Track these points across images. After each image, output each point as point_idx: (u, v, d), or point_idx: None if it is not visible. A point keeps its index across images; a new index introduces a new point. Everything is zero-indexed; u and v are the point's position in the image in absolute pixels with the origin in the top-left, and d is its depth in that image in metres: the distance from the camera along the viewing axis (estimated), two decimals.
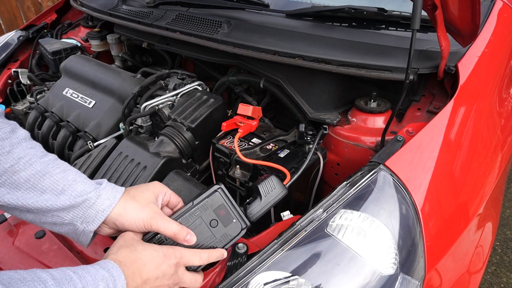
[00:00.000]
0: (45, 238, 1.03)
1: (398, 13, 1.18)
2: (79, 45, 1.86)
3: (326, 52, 1.12)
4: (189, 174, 1.14)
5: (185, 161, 1.15)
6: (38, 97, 1.58)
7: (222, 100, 1.22)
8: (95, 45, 1.90)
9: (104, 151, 1.16)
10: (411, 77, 1.02)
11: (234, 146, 1.08)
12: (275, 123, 1.31)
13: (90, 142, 1.27)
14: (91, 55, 1.92)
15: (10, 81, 1.77)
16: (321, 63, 1.11)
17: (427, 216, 0.83)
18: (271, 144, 1.13)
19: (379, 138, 1.04)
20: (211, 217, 0.74)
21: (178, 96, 1.27)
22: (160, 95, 1.28)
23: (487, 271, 1.99)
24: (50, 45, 1.74)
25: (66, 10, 2.18)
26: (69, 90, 1.48)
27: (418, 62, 1.06)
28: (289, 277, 0.71)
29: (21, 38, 1.90)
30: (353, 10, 1.18)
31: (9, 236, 1.05)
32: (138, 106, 1.29)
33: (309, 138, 1.07)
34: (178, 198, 0.81)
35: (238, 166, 1.07)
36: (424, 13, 0.92)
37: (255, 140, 1.15)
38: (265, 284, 0.71)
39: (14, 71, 1.76)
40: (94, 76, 1.45)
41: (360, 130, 1.12)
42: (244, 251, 0.79)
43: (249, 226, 0.78)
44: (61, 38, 2.00)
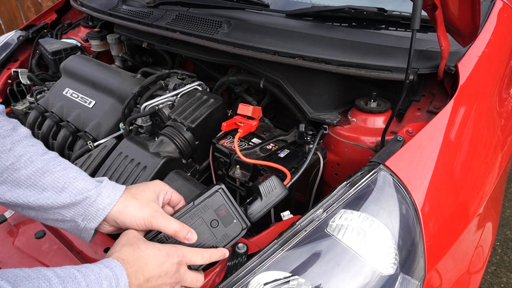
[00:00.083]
0: (45, 238, 1.03)
1: (398, 13, 1.18)
2: (79, 45, 1.86)
3: (326, 52, 1.12)
4: (189, 174, 1.14)
5: (185, 161, 1.15)
6: (38, 97, 1.58)
7: (222, 100, 1.22)
8: (95, 45, 1.90)
9: (104, 151, 1.16)
10: (411, 77, 1.02)
11: (234, 146, 1.08)
12: (275, 123, 1.31)
13: (90, 142, 1.27)
14: (91, 55, 1.92)
15: (10, 81, 1.77)
16: (321, 63, 1.11)
17: (427, 216, 0.83)
18: (271, 144, 1.13)
19: (379, 138, 1.04)
20: (212, 217, 0.74)
21: (178, 96, 1.27)
22: (160, 95, 1.28)
23: (487, 271, 1.99)
24: (50, 45, 1.74)
25: (66, 10, 2.18)
26: (69, 90, 1.48)
27: (418, 62, 1.06)
28: (289, 277, 0.71)
29: (21, 38, 1.90)
30: (353, 10, 1.18)
31: (9, 236, 1.05)
32: (138, 106, 1.29)
33: (309, 138, 1.07)
34: (180, 196, 0.81)
35: (238, 166, 1.07)
36: (424, 13, 0.92)
37: (255, 140, 1.15)
38: (265, 284, 0.71)
39: (14, 71, 1.76)
40: (94, 76, 1.45)
41: (360, 130, 1.12)
42: (244, 251, 0.79)
43: (249, 226, 0.78)
44: (61, 38, 1.99)
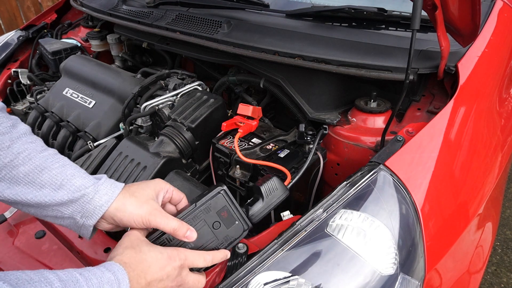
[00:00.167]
0: (45, 238, 1.03)
1: (398, 13, 1.18)
2: (79, 45, 1.86)
3: (326, 52, 1.12)
4: (189, 174, 1.14)
5: (185, 161, 1.15)
6: (38, 97, 1.58)
7: (222, 100, 1.22)
8: (95, 45, 1.90)
9: (104, 151, 1.16)
10: (411, 77, 1.02)
11: (234, 146, 1.08)
12: (275, 123, 1.31)
13: (90, 142, 1.27)
14: (91, 55, 1.92)
15: (10, 81, 1.77)
16: (321, 63, 1.11)
17: (427, 216, 0.83)
18: (271, 144, 1.13)
19: (379, 138, 1.04)
20: (214, 219, 0.74)
21: (178, 96, 1.27)
22: (160, 95, 1.28)
23: (487, 271, 1.99)
24: (50, 45, 1.74)
25: (66, 10, 2.18)
26: (69, 90, 1.48)
27: (418, 62, 1.06)
28: (289, 277, 0.71)
29: (21, 38, 1.90)
30: (353, 10, 1.18)
31: (9, 236, 1.05)
32: (138, 106, 1.29)
33: (309, 138, 1.07)
34: (181, 194, 0.80)
35: (238, 166, 1.07)
36: (424, 13, 0.92)
37: (255, 140, 1.15)
38: (265, 284, 0.71)
39: (14, 71, 1.76)
40: (94, 76, 1.45)
41: (360, 130, 1.12)
42: (244, 251, 0.79)
43: (251, 227, 0.77)
44: (61, 38, 1.99)
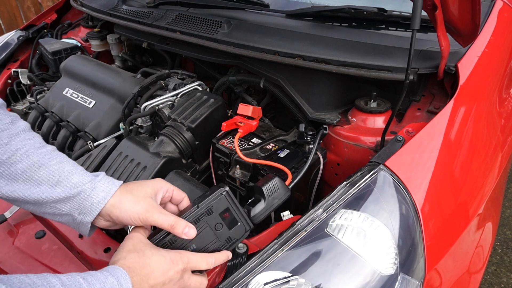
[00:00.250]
0: (45, 238, 1.03)
1: (398, 13, 1.18)
2: (79, 45, 1.86)
3: (326, 52, 1.12)
4: (189, 174, 1.14)
5: (185, 161, 1.15)
6: (38, 97, 1.58)
7: (222, 100, 1.22)
8: (95, 45, 1.90)
9: (104, 151, 1.16)
10: (411, 77, 1.02)
11: (234, 146, 1.08)
12: (275, 123, 1.31)
13: (90, 142, 1.27)
14: (91, 55, 1.92)
15: (10, 81, 1.77)
16: (321, 63, 1.11)
17: (427, 216, 0.83)
18: (271, 144, 1.13)
19: (379, 138, 1.04)
20: (216, 221, 0.73)
21: (178, 96, 1.27)
22: (160, 95, 1.28)
23: (487, 271, 1.99)
24: (50, 45, 1.74)
25: (66, 10, 2.18)
26: (69, 90, 1.48)
27: (418, 62, 1.06)
28: (289, 277, 0.71)
29: (21, 38, 1.90)
30: (353, 10, 1.18)
31: (9, 236, 1.05)
32: (138, 106, 1.29)
33: (309, 138, 1.07)
34: (183, 194, 0.80)
35: (238, 166, 1.07)
36: (424, 13, 0.92)
37: (255, 140, 1.15)
38: (265, 284, 0.71)
39: (14, 71, 1.76)
40: (94, 76, 1.45)
41: (360, 130, 1.12)
42: (244, 251, 0.79)
43: (252, 228, 0.77)
44: (61, 38, 1.99)
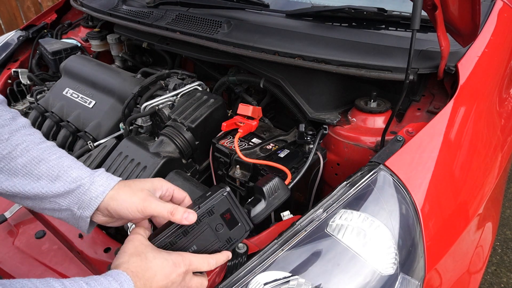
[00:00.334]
0: (45, 238, 1.03)
1: (398, 13, 1.18)
2: (79, 45, 1.86)
3: (326, 52, 1.12)
4: (189, 174, 1.14)
5: (185, 161, 1.15)
6: (38, 97, 1.58)
7: (222, 100, 1.22)
8: (95, 45, 1.90)
9: (104, 151, 1.16)
10: (411, 77, 1.02)
11: (234, 146, 1.08)
12: (275, 123, 1.31)
13: (90, 142, 1.27)
14: (91, 55, 1.92)
15: (10, 81, 1.77)
16: (321, 63, 1.11)
17: (427, 216, 0.83)
18: (271, 144, 1.13)
19: (379, 138, 1.04)
20: (217, 221, 0.73)
21: (178, 96, 1.27)
22: (160, 95, 1.28)
23: (487, 271, 1.99)
24: (50, 45, 1.74)
25: (66, 10, 2.18)
26: (69, 90, 1.48)
27: (418, 62, 1.06)
28: (289, 277, 0.71)
29: (21, 38, 1.90)
30: (353, 10, 1.18)
31: (9, 236, 1.05)
32: (138, 106, 1.29)
33: (309, 138, 1.07)
34: (184, 193, 0.79)
35: (238, 166, 1.07)
36: (424, 13, 0.92)
37: (255, 140, 1.15)
38: (265, 284, 0.71)
39: (14, 71, 1.76)
40: (94, 76, 1.45)
41: (360, 130, 1.12)
42: (244, 251, 0.79)
43: (252, 228, 0.77)
44: (61, 38, 1.99)
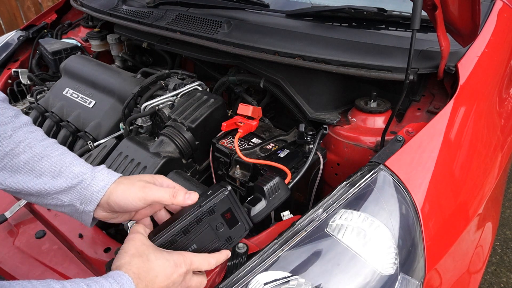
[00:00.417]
0: (45, 238, 1.03)
1: (398, 13, 1.18)
2: (79, 45, 1.86)
3: (326, 52, 1.12)
4: (189, 174, 1.14)
5: (185, 161, 1.15)
6: (38, 97, 1.58)
7: (222, 100, 1.22)
8: (95, 45, 1.90)
9: (104, 151, 1.16)
10: (411, 77, 1.02)
11: (234, 146, 1.08)
12: (275, 123, 1.31)
13: (90, 142, 1.27)
14: (91, 55, 1.92)
15: (10, 81, 1.78)
16: (321, 63, 1.11)
17: (427, 216, 0.83)
18: (271, 144, 1.13)
19: (379, 138, 1.04)
20: (218, 221, 0.73)
21: (178, 96, 1.27)
22: (160, 95, 1.28)
23: (487, 271, 1.99)
24: (50, 45, 1.75)
25: (66, 10, 2.18)
26: (69, 90, 1.48)
27: (418, 62, 1.06)
28: (289, 277, 0.71)
29: (21, 38, 1.90)
30: (353, 10, 1.18)
31: (9, 236, 1.05)
32: (138, 106, 1.29)
33: (309, 138, 1.07)
34: (185, 190, 0.79)
35: (238, 166, 1.07)
36: (424, 13, 0.92)
37: (255, 140, 1.15)
38: (265, 284, 0.71)
39: (14, 71, 1.76)
40: (94, 76, 1.45)
41: (360, 130, 1.12)
42: (244, 251, 0.79)
43: (251, 227, 0.78)
44: (61, 38, 2.00)
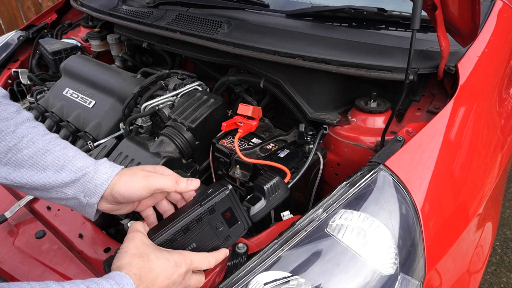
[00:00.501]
0: (45, 238, 1.03)
1: (398, 13, 1.18)
2: (79, 45, 1.86)
3: (326, 52, 1.12)
4: (189, 174, 1.15)
5: (185, 161, 1.15)
6: (38, 97, 1.58)
7: (222, 100, 1.22)
8: (95, 45, 1.90)
9: (104, 151, 1.16)
10: (411, 77, 1.02)
11: (234, 146, 1.08)
12: (275, 123, 1.31)
13: (90, 142, 1.27)
14: (91, 55, 1.92)
15: (10, 81, 1.78)
16: (321, 63, 1.11)
17: (427, 216, 0.83)
18: (271, 144, 1.13)
19: (379, 138, 1.04)
20: (218, 220, 0.74)
21: (178, 96, 1.27)
22: (160, 95, 1.28)
23: (487, 271, 1.99)
24: (50, 45, 1.75)
25: (66, 10, 2.18)
26: (69, 90, 1.48)
27: (418, 62, 1.06)
28: (289, 277, 0.71)
29: (21, 38, 1.90)
30: (353, 10, 1.18)
31: (9, 236, 1.05)
32: (138, 106, 1.29)
33: (309, 138, 1.07)
34: (186, 178, 0.81)
35: (238, 166, 1.07)
36: (424, 13, 0.92)
37: (255, 140, 1.15)
38: (265, 284, 0.71)
39: (14, 71, 1.76)
40: (94, 76, 1.45)
41: (360, 130, 1.12)
42: (244, 251, 0.79)
43: (250, 226, 0.78)
44: (61, 38, 2.00)
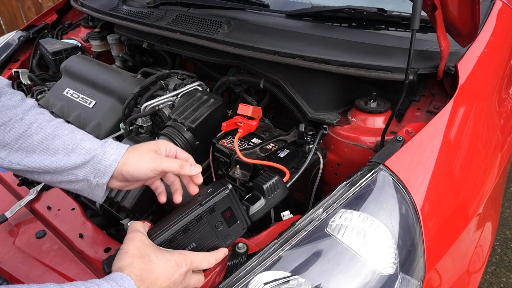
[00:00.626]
0: (45, 238, 1.03)
1: (398, 13, 1.18)
2: (80, 45, 1.86)
3: (326, 52, 1.12)
4: None
5: None
6: (39, 97, 1.58)
7: (222, 100, 1.23)
8: (96, 45, 1.90)
9: None
10: (411, 77, 1.02)
11: (234, 146, 1.09)
12: (275, 123, 1.31)
13: None
14: (92, 56, 1.92)
15: (10, 81, 1.77)
16: (321, 63, 1.11)
17: (427, 216, 0.84)
18: (271, 144, 1.14)
19: (379, 138, 1.04)
20: (217, 219, 0.74)
21: (179, 96, 1.27)
22: (160, 95, 1.28)
23: (487, 271, 1.99)
24: (51, 45, 1.75)
25: (67, 11, 2.18)
26: (69, 90, 1.48)
27: (418, 62, 1.06)
28: (289, 276, 0.71)
29: (21, 38, 1.90)
30: (352, 11, 1.18)
31: (9, 236, 1.05)
32: (138, 106, 1.29)
33: (309, 138, 1.07)
34: (187, 155, 0.85)
35: (238, 166, 1.07)
36: (424, 13, 0.92)
37: (255, 140, 1.15)
38: (265, 284, 0.71)
39: (14, 71, 1.76)
40: (95, 76, 1.45)
41: (360, 130, 1.12)
42: (244, 251, 0.80)
43: (249, 226, 0.78)
44: (61, 39, 2.00)
